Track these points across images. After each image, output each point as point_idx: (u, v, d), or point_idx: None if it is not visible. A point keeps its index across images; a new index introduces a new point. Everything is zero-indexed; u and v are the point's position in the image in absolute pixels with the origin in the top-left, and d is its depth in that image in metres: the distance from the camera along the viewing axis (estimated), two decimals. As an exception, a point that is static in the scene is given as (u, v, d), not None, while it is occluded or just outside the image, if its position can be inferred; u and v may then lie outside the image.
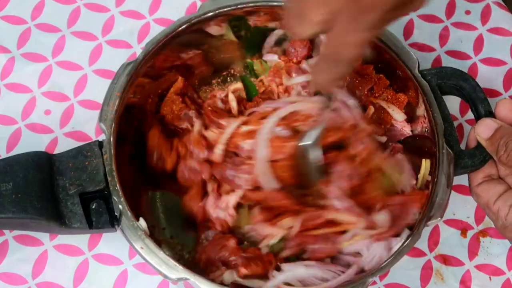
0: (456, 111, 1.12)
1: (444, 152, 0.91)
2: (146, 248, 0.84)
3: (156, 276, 1.00)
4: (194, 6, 1.20)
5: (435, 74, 0.98)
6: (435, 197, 0.89)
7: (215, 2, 0.99)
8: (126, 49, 1.16)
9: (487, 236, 1.04)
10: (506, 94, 1.14)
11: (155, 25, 1.18)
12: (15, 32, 1.16)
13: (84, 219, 0.86)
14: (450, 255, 1.03)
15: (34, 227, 0.90)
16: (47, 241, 1.01)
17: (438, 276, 1.02)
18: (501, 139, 0.90)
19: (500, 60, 1.16)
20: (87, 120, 1.09)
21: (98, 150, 0.89)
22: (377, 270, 0.85)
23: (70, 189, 0.87)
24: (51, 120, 1.09)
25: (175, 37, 0.98)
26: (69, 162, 0.89)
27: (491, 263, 1.03)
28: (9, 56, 1.13)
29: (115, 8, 1.19)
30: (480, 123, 0.93)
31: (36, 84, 1.12)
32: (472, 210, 1.06)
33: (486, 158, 0.93)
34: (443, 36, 1.18)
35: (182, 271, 0.83)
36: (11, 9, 1.18)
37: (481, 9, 1.21)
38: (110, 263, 1.01)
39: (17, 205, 0.84)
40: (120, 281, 1.00)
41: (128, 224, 0.85)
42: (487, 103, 0.96)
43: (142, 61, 0.95)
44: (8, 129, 1.08)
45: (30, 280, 0.99)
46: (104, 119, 0.91)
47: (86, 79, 1.13)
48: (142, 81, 0.97)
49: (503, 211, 0.90)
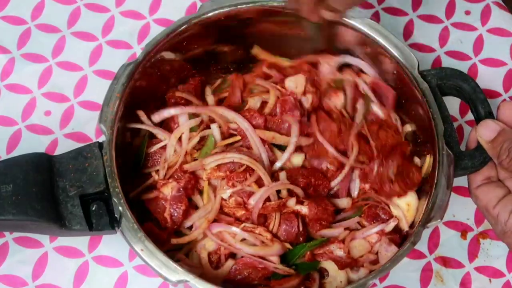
0: (456, 112, 1.12)
1: (444, 153, 0.91)
2: (146, 250, 0.84)
3: (156, 278, 1.00)
4: (194, 6, 1.20)
5: (435, 74, 0.98)
6: (435, 199, 0.89)
7: (215, 2, 0.99)
8: (126, 50, 1.16)
9: (487, 238, 1.04)
10: (506, 95, 1.14)
11: (155, 25, 1.18)
12: (15, 32, 1.16)
13: (84, 221, 0.86)
14: (450, 257, 1.03)
15: (34, 229, 0.90)
16: (47, 243, 1.02)
17: (438, 278, 1.02)
18: (503, 143, 0.89)
19: (500, 61, 1.16)
20: (87, 121, 1.09)
21: (98, 151, 0.89)
22: (377, 272, 0.85)
23: (70, 191, 0.87)
24: (51, 121, 1.09)
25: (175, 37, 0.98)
26: (69, 163, 0.89)
27: (491, 265, 1.03)
28: (9, 57, 1.13)
29: (115, 9, 1.19)
30: (482, 124, 0.92)
31: (36, 84, 1.12)
32: (472, 211, 1.06)
33: (486, 159, 0.93)
34: (443, 37, 1.18)
35: (182, 273, 0.83)
36: (11, 9, 1.18)
37: (481, 9, 1.21)
38: (110, 265, 1.01)
39: (17, 207, 0.84)
40: (120, 283, 1.00)
41: (128, 226, 0.85)
42: (487, 104, 0.96)
43: (142, 61, 0.95)
44: (8, 130, 1.08)
45: (30, 282, 0.99)
46: (104, 120, 0.91)
47: (86, 80, 1.13)
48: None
49: (503, 216, 0.90)
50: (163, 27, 1.08)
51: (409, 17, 1.20)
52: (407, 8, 1.20)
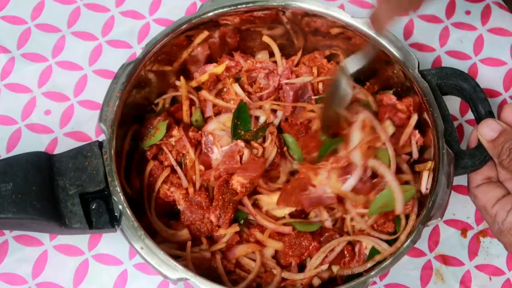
0: (456, 111, 1.12)
1: (444, 152, 0.91)
2: (146, 249, 0.84)
3: (156, 276, 1.00)
4: (194, 6, 1.20)
5: (435, 74, 0.98)
6: (435, 197, 0.89)
7: (215, 2, 1.00)
8: (126, 49, 1.16)
9: (487, 236, 1.04)
10: (506, 94, 1.14)
11: (155, 25, 1.18)
12: (15, 32, 1.16)
13: (84, 220, 0.86)
14: (450, 255, 1.03)
15: (34, 228, 0.90)
16: (47, 241, 1.01)
17: (438, 276, 1.02)
18: (505, 143, 0.89)
19: (500, 60, 1.17)
20: (87, 120, 1.09)
21: (98, 150, 0.89)
22: (377, 270, 0.85)
23: (70, 190, 0.87)
24: (51, 120, 1.09)
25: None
26: (69, 162, 0.89)
27: (491, 263, 1.03)
28: (9, 56, 1.13)
29: (115, 8, 1.19)
30: (483, 123, 0.92)
31: (36, 84, 1.12)
32: (472, 210, 1.06)
33: (486, 158, 0.93)
34: (443, 36, 1.19)
35: (182, 271, 0.83)
36: (11, 9, 1.19)
37: (481, 9, 1.21)
38: (110, 263, 1.01)
39: (17, 206, 0.84)
40: (120, 281, 1.00)
41: (128, 225, 0.86)
42: (487, 103, 0.97)
43: (142, 61, 0.95)
44: (8, 129, 1.08)
45: (30, 280, 0.99)
46: (104, 119, 0.91)
47: (86, 79, 1.13)
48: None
49: (501, 215, 0.90)
50: (163, 27, 1.09)
51: (409, 16, 1.20)
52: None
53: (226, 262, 0.94)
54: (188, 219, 0.95)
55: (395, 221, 0.94)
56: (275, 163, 0.97)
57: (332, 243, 0.94)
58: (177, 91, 1.04)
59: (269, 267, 0.95)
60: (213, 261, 0.93)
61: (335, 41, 1.04)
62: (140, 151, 0.99)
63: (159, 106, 1.04)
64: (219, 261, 0.93)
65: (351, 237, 0.94)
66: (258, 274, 0.94)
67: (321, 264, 0.94)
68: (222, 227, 0.94)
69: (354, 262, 0.94)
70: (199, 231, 0.95)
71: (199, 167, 0.97)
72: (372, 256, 0.91)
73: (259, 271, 0.94)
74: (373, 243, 0.92)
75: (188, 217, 0.95)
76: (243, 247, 0.95)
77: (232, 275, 0.94)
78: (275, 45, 1.06)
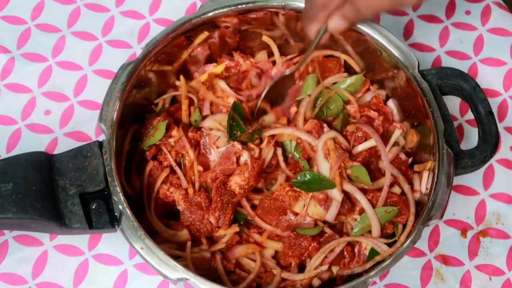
0: (456, 111, 1.12)
1: (444, 152, 0.91)
2: (146, 249, 0.84)
3: (156, 276, 1.00)
4: (194, 6, 1.20)
5: (435, 74, 0.98)
6: (435, 197, 0.89)
7: (215, 2, 0.99)
8: (126, 49, 1.16)
9: (487, 236, 1.04)
10: (506, 94, 1.14)
11: (155, 25, 1.18)
12: (15, 32, 1.16)
13: (84, 220, 0.86)
14: (450, 255, 1.03)
15: (34, 228, 0.90)
16: (47, 241, 1.01)
17: (438, 276, 1.02)
18: None
19: (500, 60, 1.17)
20: (87, 120, 1.09)
21: (98, 150, 0.89)
22: (377, 270, 0.85)
23: (70, 190, 0.87)
24: (51, 120, 1.09)
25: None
26: (69, 162, 0.89)
27: (491, 263, 1.03)
28: (9, 56, 1.13)
29: (115, 8, 1.19)
30: None
31: (36, 84, 1.12)
32: (472, 210, 1.06)
33: (486, 158, 0.93)
34: (443, 36, 1.19)
35: (182, 271, 0.83)
36: (11, 9, 1.18)
37: (481, 9, 1.21)
38: (110, 263, 1.01)
39: (17, 206, 0.84)
40: (120, 281, 1.00)
41: (128, 225, 0.86)
42: (487, 103, 0.97)
43: (142, 61, 0.95)
44: (8, 129, 1.08)
45: (30, 280, 0.99)
46: (104, 119, 0.91)
47: (86, 79, 1.13)
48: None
49: None
50: (163, 27, 1.09)
51: (409, 16, 1.20)
52: (407, 8, 1.20)
53: (226, 262, 0.94)
54: (187, 220, 0.95)
55: (394, 224, 0.95)
56: (273, 164, 0.98)
57: (331, 244, 0.94)
58: (177, 91, 1.04)
59: (269, 267, 0.95)
60: (213, 261, 0.93)
61: (334, 41, 1.04)
62: (140, 151, 0.99)
63: (159, 106, 1.04)
64: (219, 261, 0.93)
65: (351, 238, 0.94)
66: (258, 274, 0.94)
67: (321, 265, 0.94)
68: (221, 228, 0.94)
69: (354, 262, 0.94)
70: (199, 231, 0.95)
71: (197, 168, 0.97)
72: (372, 257, 0.92)
73: (259, 271, 0.94)
74: (372, 244, 0.93)
75: (187, 217, 0.95)
76: (243, 247, 0.95)
77: (232, 275, 0.94)
78: (275, 45, 1.06)
